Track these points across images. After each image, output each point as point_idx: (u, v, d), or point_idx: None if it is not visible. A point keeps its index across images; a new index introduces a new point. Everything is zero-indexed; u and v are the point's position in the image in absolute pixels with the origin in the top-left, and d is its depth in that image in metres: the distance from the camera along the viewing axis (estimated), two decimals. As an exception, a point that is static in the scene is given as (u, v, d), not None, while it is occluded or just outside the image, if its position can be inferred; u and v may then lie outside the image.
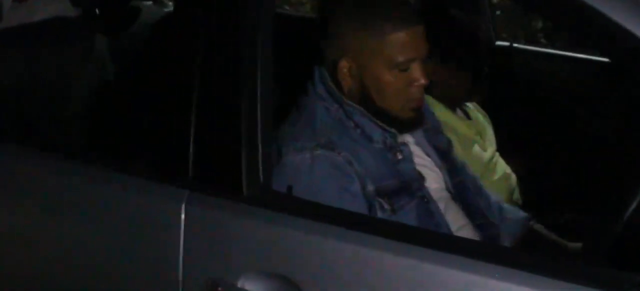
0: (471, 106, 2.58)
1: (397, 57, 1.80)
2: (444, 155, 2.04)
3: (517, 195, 2.52)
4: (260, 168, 1.64)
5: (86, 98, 2.45)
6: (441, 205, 1.89)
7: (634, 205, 1.47)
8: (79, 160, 1.82)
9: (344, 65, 1.83)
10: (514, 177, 2.52)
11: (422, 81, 1.83)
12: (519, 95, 2.90)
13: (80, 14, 2.73)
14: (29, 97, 2.36)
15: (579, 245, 2.02)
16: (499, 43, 2.97)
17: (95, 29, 2.67)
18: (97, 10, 2.72)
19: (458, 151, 2.20)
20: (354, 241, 1.54)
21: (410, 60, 1.81)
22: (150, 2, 3.13)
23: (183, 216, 1.64)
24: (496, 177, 2.46)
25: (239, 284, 1.59)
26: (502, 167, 2.51)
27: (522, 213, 2.16)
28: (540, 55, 3.16)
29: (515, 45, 2.99)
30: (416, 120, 1.91)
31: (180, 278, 1.65)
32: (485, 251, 1.51)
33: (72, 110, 2.40)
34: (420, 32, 1.82)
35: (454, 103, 2.46)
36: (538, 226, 2.15)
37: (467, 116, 2.55)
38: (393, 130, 1.87)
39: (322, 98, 1.86)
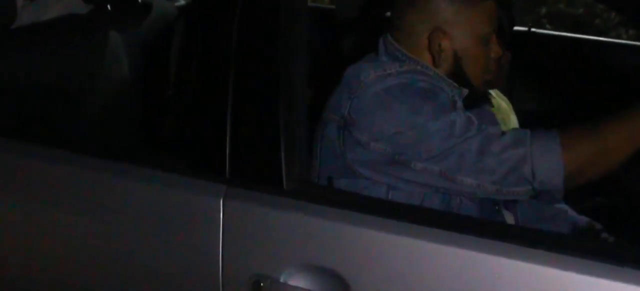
0: (494, 93, 2.55)
1: (484, 28, 1.79)
2: None
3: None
4: (299, 160, 1.62)
5: (105, 94, 2.42)
6: None
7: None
8: (112, 157, 1.78)
9: (438, 36, 1.78)
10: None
11: (500, 52, 1.83)
12: (541, 80, 2.88)
13: (92, 10, 2.70)
14: (45, 96, 2.32)
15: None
16: (517, 28, 2.95)
17: (107, 25, 2.63)
18: (108, 6, 2.68)
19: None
20: (397, 231, 1.52)
21: (493, 31, 1.81)
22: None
23: (222, 211, 1.62)
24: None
25: (282, 279, 1.58)
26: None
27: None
28: (558, 39, 3.14)
29: (533, 30, 2.96)
30: (486, 94, 1.92)
31: (221, 274, 1.63)
32: (541, 239, 1.48)
33: (93, 106, 2.37)
34: (495, 3, 1.82)
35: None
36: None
37: (490, 103, 2.53)
38: (461, 88, 1.82)
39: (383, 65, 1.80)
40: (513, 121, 2.55)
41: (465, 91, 1.83)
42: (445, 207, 1.74)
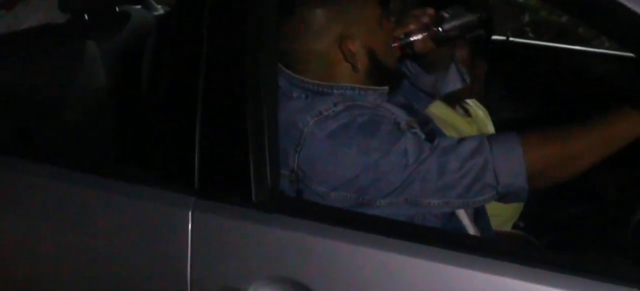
0: (471, 103, 2.56)
1: (372, 12, 1.78)
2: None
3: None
4: (269, 172, 1.61)
5: (80, 104, 2.40)
6: None
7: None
8: (81, 168, 1.77)
9: (347, 44, 1.75)
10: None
11: (394, 26, 1.84)
12: (519, 89, 2.88)
13: (68, 19, 2.69)
14: (21, 106, 2.31)
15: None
16: (495, 37, 2.95)
17: (84, 34, 2.62)
18: (85, 16, 2.67)
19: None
20: (366, 244, 1.52)
21: (379, 10, 1.80)
22: (140, 6, 3.07)
23: (190, 223, 1.61)
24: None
25: (250, 291, 1.57)
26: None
27: None
28: (536, 48, 3.15)
29: (511, 39, 2.97)
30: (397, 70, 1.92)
31: (189, 286, 1.61)
32: (506, 251, 1.48)
33: (67, 117, 2.35)
34: None
35: (454, 100, 2.44)
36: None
37: (467, 113, 2.53)
38: (382, 88, 1.82)
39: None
40: (490, 130, 2.55)
41: (385, 89, 1.82)
42: (409, 218, 1.72)
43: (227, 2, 1.63)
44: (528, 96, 2.88)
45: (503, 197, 1.65)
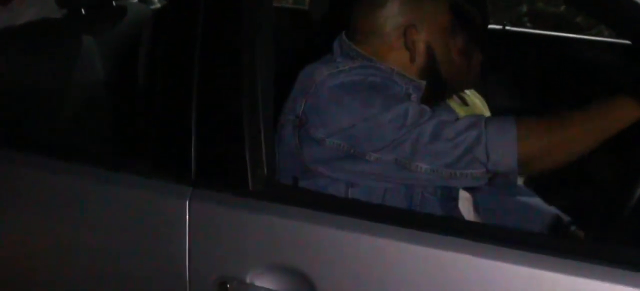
0: (468, 92, 2.55)
1: (447, 18, 1.82)
2: None
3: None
4: (265, 161, 1.61)
5: (78, 98, 2.40)
6: None
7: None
8: (80, 161, 1.77)
9: (411, 33, 1.80)
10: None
11: (465, 48, 1.87)
12: (516, 78, 2.88)
13: (66, 14, 2.69)
14: (19, 100, 2.31)
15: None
16: (491, 26, 2.95)
17: (81, 29, 2.62)
18: (82, 10, 2.67)
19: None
20: (362, 231, 1.52)
21: (454, 23, 1.85)
22: (136, 0, 3.08)
23: (187, 213, 1.61)
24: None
25: (248, 279, 1.57)
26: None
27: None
28: (532, 37, 3.14)
29: (508, 28, 2.96)
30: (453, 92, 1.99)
31: (188, 276, 1.62)
32: (508, 237, 1.48)
33: (65, 111, 2.36)
34: None
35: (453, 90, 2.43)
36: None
37: (464, 102, 2.52)
38: (420, 81, 1.83)
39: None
40: (487, 119, 2.54)
41: (423, 83, 1.82)
42: (407, 203, 1.74)
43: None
44: (525, 85, 2.87)
45: (492, 179, 1.65)
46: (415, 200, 1.74)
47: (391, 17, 1.81)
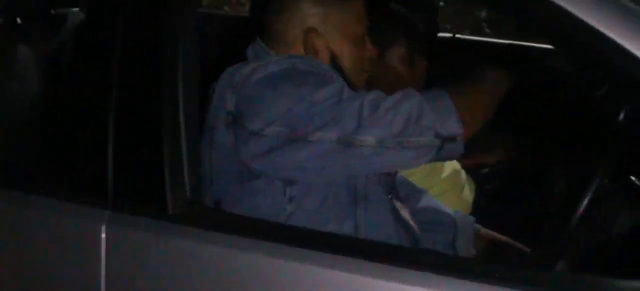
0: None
1: (356, 28, 1.79)
2: None
3: (467, 192, 2.43)
4: (187, 182, 1.53)
5: (5, 114, 2.31)
6: None
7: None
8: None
9: (312, 37, 1.76)
10: (463, 173, 2.44)
11: (374, 52, 1.85)
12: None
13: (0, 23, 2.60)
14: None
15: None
16: (441, 35, 2.90)
17: (16, 38, 2.53)
18: (18, 19, 2.58)
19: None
20: (288, 257, 1.45)
21: (365, 31, 1.82)
22: (77, 9, 2.98)
23: (104, 238, 1.53)
24: (444, 174, 2.37)
25: (167, 310, 1.48)
26: (452, 163, 2.42)
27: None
28: (485, 45, 3.11)
29: (458, 36, 2.92)
30: None
31: (104, 305, 1.53)
32: (437, 262, 1.41)
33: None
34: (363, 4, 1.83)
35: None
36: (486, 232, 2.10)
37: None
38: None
39: None
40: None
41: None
42: (351, 196, 1.68)
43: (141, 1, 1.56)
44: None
45: (440, 149, 1.60)
46: (359, 192, 1.69)
47: (292, 20, 1.78)
